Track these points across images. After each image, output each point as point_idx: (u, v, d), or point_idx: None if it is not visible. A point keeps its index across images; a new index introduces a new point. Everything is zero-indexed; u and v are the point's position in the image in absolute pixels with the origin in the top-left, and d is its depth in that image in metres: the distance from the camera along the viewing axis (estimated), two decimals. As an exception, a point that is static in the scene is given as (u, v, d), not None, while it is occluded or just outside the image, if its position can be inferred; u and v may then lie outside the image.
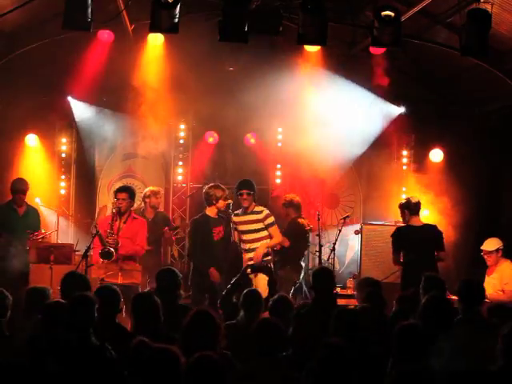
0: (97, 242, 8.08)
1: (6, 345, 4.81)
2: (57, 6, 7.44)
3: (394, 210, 9.94)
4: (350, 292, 9.36)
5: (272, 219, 8.28)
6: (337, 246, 9.68)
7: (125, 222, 8.26)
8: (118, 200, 8.27)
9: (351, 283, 9.61)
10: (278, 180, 12.14)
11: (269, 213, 8.33)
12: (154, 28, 7.51)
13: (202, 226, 8.40)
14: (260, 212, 8.27)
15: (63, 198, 11.53)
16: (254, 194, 8.32)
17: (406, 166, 11.83)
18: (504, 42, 8.83)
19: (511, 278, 8.07)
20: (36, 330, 4.95)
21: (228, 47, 8.57)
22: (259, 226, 8.22)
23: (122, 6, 8.11)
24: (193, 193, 11.81)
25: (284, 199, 9.85)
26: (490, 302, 7.16)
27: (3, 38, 9.32)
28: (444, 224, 10.63)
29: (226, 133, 11.63)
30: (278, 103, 10.49)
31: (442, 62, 10.13)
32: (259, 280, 7.86)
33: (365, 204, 11.90)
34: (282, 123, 11.64)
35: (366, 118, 10.91)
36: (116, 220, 8.20)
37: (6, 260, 8.21)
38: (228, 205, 8.44)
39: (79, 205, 11.57)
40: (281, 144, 12.03)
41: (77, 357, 4.36)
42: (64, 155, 11.60)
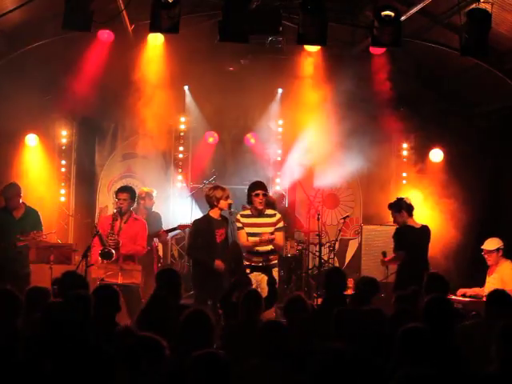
0: (97, 241, 8.08)
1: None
2: (57, 6, 7.44)
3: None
4: (350, 292, 9.35)
5: (282, 224, 8.35)
6: (337, 246, 9.69)
7: (125, 222, 8.25)
8: (118, 200, 8.27)
9: (351, 283, 9.60)
10: (278, 180, 12.14)
11: (281, 217, 8.39)
12: (153, 28, 7.51)
13: (204, 226, 8.37)
14: (273, 215, 8.30)
15: (63, 198, 11.53)
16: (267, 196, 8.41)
17: (405, 166, 11.83)
18: (504, 42, 8.83)
19: (511, 278, 8.06)
20: (36, 329, 4.95)
21: (228, 47, 8.57)
22: (270, 229, 8.23)
23: (122, 6, 8.11)
24: (193, 193, 11.81)
25: None
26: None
27: (3, 37, 9.32)
28: (444, 224, 10.66)
29: (225, 133, 11.64)
30: (277, 103, 10.51)
31: (442, 62, 10.13)
32: (263, 280, 7.87)
33: (365, 204, 11.91)
34: (282, 123, 11.64)
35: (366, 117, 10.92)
36: (117, 220, 8.20)
37: (6, 264, 8.18)
38: (229, 205, 8.43)
39: (79, 205, 11.57)
40: (281, 144, 12.04)
41: (75, 356, 4.35)
42: (64, 155, 11.60)
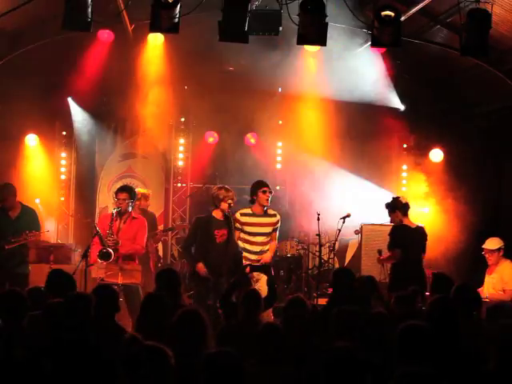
0: (96, 241, 8.07)
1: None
2: (57, 6, 7.43)
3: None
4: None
5: (279, 224, 8.42)
6: (337, 246, 9.69)
7: (125, 222, 8.25)
8: (118, 200, 8.26)
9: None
10: (278, 180, 12.13)
11: (280, 218, 8.47)
12: (153, 28, 7.50)
13: (203, 225, 8.37)
14: (274, 215, 8.37)
15: (63, 197, 11.54)
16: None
17: (405, 166, 11.83)
18: (504, 42, 8.83)
19: (511, 278, 8.07)
20: (36, 329, 4.95)
21: (228, 47, 8.56)
22: (270, 229, 8.30)
23: (122, 6, 8.11)
24: (193, 193, 11.81)
25: None
26: (490, 301, 7.20)
27: (4, 37, 9.33)
28: (444, 224, 10.66)
29: (225, 133, 11.64)
30: (278, 103, 10.50)
31: (442, 62, 10.13)
32: (263, 281, 7.88)
33: (365, 204, 11.89)
34: (282, 123, 11.64)
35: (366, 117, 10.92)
36: (116, 220, 8.19)
37: (4, 264, 8.18)
38: (229, 205, 8.43)
39: (79, 205, 11.58)
40: (281, 144, 12.04)
41: (75, 356, 4.35)
42: (64, 155, 11.61)
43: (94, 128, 11.55)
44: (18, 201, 8.44)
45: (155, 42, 10.26)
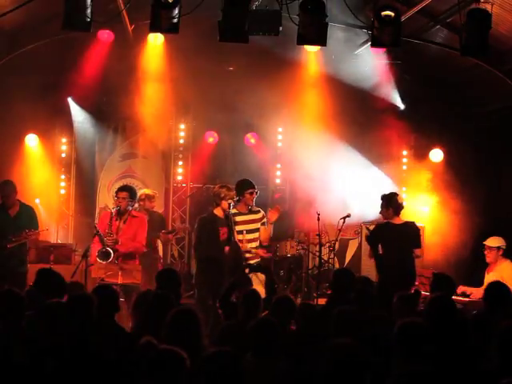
0: (97, 241, 8.08)
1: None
2: (57, 6, 7.43)
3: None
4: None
5: (265, 219, 8.49)
6: (337, 246, 9.69)
7: (124, 222, 8.25)
8: (118, 199, 8.27)
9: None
10: (278, 180, 12.14)
11: (264, 213, 8.55)
12: (154, 28, 7.50)
13: (208, 223, 8.39)
14: (258, 212, 8.45)
15: (63, 197, 11.54)
16: None
17: (405, 166, 11.83)
18: (504, 42, 8.83)
19: (511, 277, 8.06)
20: (36, 329, 4.95)
21: (228, 47, 8.56)
22: (257, 225, 8.39)
23: (122, 6, 8.12)
24: (193, 193, 11.81)
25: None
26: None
27: (3, 37, 9.32)
28: (444, 223, 10.68)
29: (225, 133, 11.63)
30: (278, 103, 10.50)
31: (442, 62, 10.13)
32: (258, 280, 7.88)
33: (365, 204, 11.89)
34: (282, 123, 11.64)
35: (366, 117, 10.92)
36: (116, 220, 8.19)
37: (3, 263, 8.17)
38: (229, 205, 8.44)
39: (79, 205, 11.58)
40: (281, 144, 12.03)
41: (76, 356, 4.35)
42: (64, 155, 11.61)
43: (94, 128, 11.55)
44: (16, 199, 8.45)
45: (155, 42, 10.26)
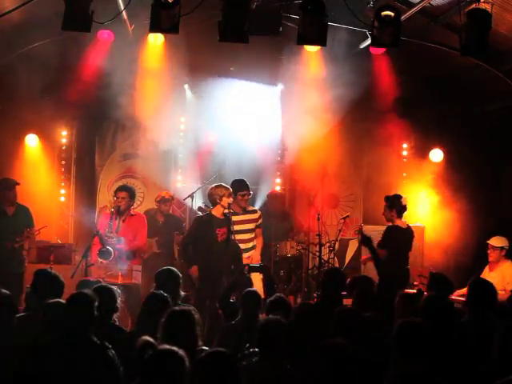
0: (97, 241, 8.09)
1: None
2: (57, 6, 7.44)
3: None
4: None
5: (262, 220, 8.49)
6: (337, 246, 9.69)
7: (124, 221, 8.26)
8: (117, 199, 8.28)
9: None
10: (278, 180, 12.13)
11: (261, 214, 8.52)
12: (154, 28, 7.51)
13: (204, 224, 8.39)
14: (255, 212, 8.47)
15: (63, 197, 11.53)
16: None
17: (405, 166, 11.82)
18: (504, 42, 8.83)
19: (512, 278, 8.10)
20: (36, 329, 4.95)
21: (228, 47, 8.56)
22: (253, 225, 8.40)
23: (122, 6, 8.12)
24: (193, 193, 11.79)
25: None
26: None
27: (3, 37, 9.32)
28: (444, 224, 10.67)
29: (226, 133, 11.62)
30: (278, 103, 10.50)
31: (442, 62, 10.13)
32: (254, 280, 7.88)
33: (365, 204, 11.90)
34: (281, 123, 11.63)
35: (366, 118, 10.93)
36: (116, 219, 8.20)
37: (5, 265, 8.19)
38: (228, 204, 8.46)
39: (79, 205, 11.57)
40: (281, 144, 12.03)
41: (77, 355, 4.36)
42: (64, 155, 11.60)
43: (93, 128, 11.54)
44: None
45: (155, 42, 10.26)
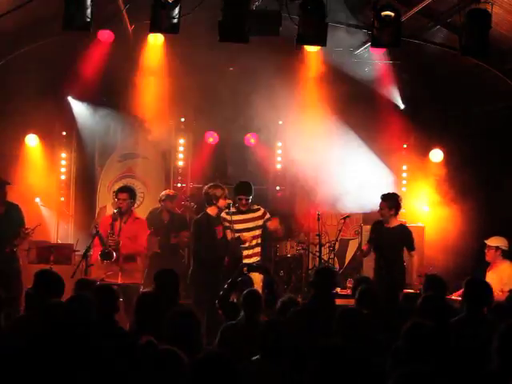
0: (97, 242, 8.09)
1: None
2: (57, 6, 7.44)
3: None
4: (350, 292, 9.35)
5: (268, 214, 8.69)
6: (337, 246, 9.70)
7: (125, 222, 8.26)
8: (118, 200, 8.28)
9: (351, 283, 9.60)
10: (278, 180, 12.13)
11: (265, 210, 8.71)
12: (154, 28, 7.51)
13: (204, 225, 8.42)
14: (258, 209, 8.55)
15: (63, 198, 11.53)
16: (252, 197, 8.57)
17: (405, 166, 11.82)
18: (504, 42, 8.83)
19: (511, 279, 8.06)
20: (36, 329, 4.95)
21: (228, 47, 8.56)
22: (259, 222, 8.48)
23: (122, 6, 8.13)
24: (193, 193, 11.80)
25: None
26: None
27: (3, 37, 9.32)
28: (444, 224, 10.67)
29: (225, 133, 11.63)
30: (278, 103, 10.49)
31: (442, 62, 10.13)
32: (255, 280, 7.88)
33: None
34: (282, 123, 11.63)
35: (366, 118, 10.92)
36: (116, 220, 8.21)
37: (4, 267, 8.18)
38: (228, 205, 8.47)
39: (79, 205, 11.57)
40: (281, 144, 12.03)
41: (78, 356, 4.36)
42: (64, 155, 11.60)
43: (93, 128, 11.53)
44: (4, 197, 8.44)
45: (155, 42, 10.26)
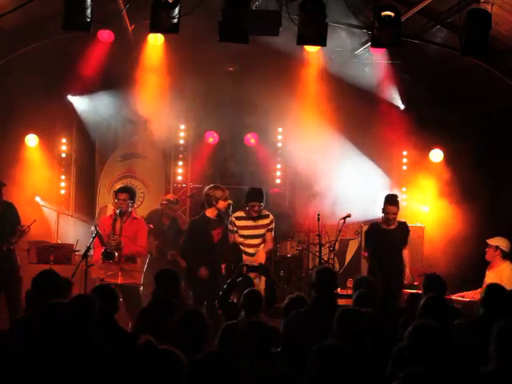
0: (97, 242, 8.08)
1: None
2: (57, 6, 7.44)
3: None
4: (350, 292, 9.35)
5: (273, 224, 8.50)
6: (337, 246, 9.71)
7: (124, 222, 8.26)
8: (118, 200, 8.28)
9: (351, 283, 9.60)
10: (278, 180, 12.13)
11: (273, 218, 8.63)
12: (154, 28, 7.51)
13: (200, 227, 8.38)
14: (267, 216, 8.48)
15: (63, 197, 11.53)
16: (263, 203, 8.56)
17: (405, 166, 11.82)
18: (504, 42, 8.83)
19: (510, 279, 8.06)
20: (36, 329, 4.95)
21: (228, 47, 8.56)
22: (262, 231, 8.44)
23: (122, 6, 8.12)
24: (193, 193, 11.80)
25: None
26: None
27: (3, 37, 9.32)
28: (444, 224, 10.67)
29: (225, 133, 11.63)
30: (278, 103, 10.49)
31: (442, 62, 10.13)
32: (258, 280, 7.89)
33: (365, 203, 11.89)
34: (282, 123, 11.64)
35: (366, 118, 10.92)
36: (117, 220, 8.21)
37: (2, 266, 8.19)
38: (228, 205, 8.44)
39: (79, 205, 11.57)
40: (281, 144, 12.03)
41: (78, 356, 4.35)
42: (64, 155, 11.60)
43: (93, 128, 11.53)
44: None
45: (155, 42, 10.26)
